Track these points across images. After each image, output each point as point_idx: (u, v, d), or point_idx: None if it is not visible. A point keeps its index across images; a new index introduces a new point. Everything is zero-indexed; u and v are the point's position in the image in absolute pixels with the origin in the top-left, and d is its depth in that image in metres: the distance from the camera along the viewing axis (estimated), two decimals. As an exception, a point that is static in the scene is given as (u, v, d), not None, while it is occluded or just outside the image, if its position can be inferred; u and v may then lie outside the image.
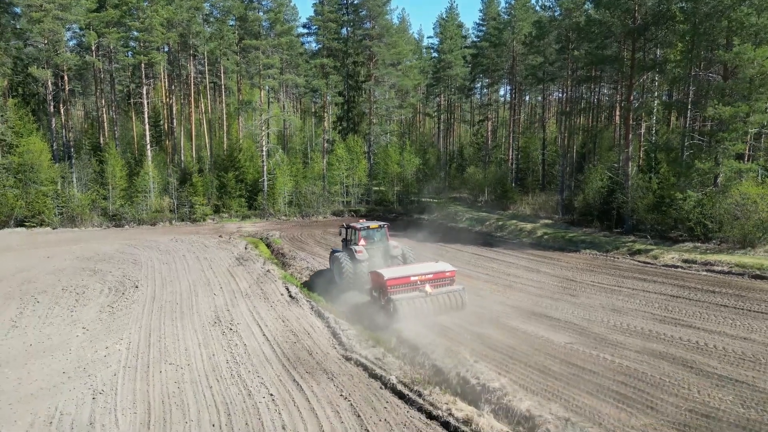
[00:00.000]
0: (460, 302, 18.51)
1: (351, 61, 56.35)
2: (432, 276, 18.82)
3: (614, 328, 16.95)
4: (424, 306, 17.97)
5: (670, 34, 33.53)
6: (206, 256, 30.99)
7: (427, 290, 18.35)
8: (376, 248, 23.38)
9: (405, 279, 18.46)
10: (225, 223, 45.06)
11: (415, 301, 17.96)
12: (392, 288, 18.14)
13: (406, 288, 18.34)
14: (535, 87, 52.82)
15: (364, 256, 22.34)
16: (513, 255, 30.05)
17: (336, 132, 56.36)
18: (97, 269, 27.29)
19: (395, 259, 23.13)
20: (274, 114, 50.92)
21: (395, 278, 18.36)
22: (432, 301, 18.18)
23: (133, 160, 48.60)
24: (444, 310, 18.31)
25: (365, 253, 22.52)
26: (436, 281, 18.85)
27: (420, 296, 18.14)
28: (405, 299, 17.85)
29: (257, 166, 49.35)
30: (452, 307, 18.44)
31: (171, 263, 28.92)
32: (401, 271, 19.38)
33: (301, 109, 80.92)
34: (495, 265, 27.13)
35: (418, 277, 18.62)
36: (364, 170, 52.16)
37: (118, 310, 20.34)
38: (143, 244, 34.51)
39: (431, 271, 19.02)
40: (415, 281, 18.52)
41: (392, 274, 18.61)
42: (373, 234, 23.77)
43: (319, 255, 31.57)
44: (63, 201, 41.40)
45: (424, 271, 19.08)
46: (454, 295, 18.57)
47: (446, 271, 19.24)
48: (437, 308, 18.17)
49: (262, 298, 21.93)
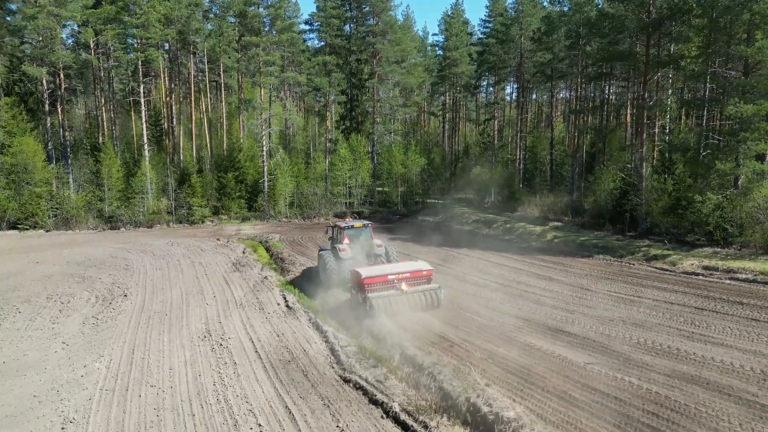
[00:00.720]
0: (435, 300, 19.15)
1: (354, 59, 55.01)
2: (409, 274, 19.49)
3: (638, 346, 15.52)
4: (400, 303, 18.55)
5: (687, 29, 31.97)
6: (202, 261, 29.70)
7: (403, 288, 18.99)
8: (360, 247, 23.82)
9: (382, 277, 19.08)
10: (224, 225, 43.79)
11: (391, 298, 18.54)
12: (369, 286, 18.75)
13: (383, 286, 18.98)
14: (543, 85, 51.32)
15: (347, 255, 22.93)
16: (523, 260, 28.61)
17: (339, 131, 55.03)
18: (87, 276, 26.04)
19: (379, 257, 23.57)
20: (276, 113, 49.65)
21: (372, 277, 18.99)
22: (408, 299, 18.82)
23: (131, 161, 47.43)
24: (419, 308, 18.88)
25: (349, 252, 23.10)
26: (412, 280, 19.52)
27: (396, 294, 18.78)
28: (381, 297, 18.44)
29: (258, 166, 48.06)
30: (428, 305, 19.03)
31: (164, 269, 27.64)
32: (379, 269, 20.00)
33: (304, 108, 79.64)
34: (504, 272, 25.71)
35: (396, 275, 19.26)
36: (367, 171, 50.80)
37: (102, 322, 19.05)
38: (137, 248, 33.26)
39: (408, 270, 19.75)
40: (392, 279, 19.16)
41: (369, 273, 19.22)
42: (357, 233, 24.23)
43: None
44: (57, 203, 40.21)
45: (401, 269, 19.79)
46: (430, 294, 19.20)
47: (423, 269, 19.91)
48: (412, 306, 18.77)
49: (258, 309, 20.60)
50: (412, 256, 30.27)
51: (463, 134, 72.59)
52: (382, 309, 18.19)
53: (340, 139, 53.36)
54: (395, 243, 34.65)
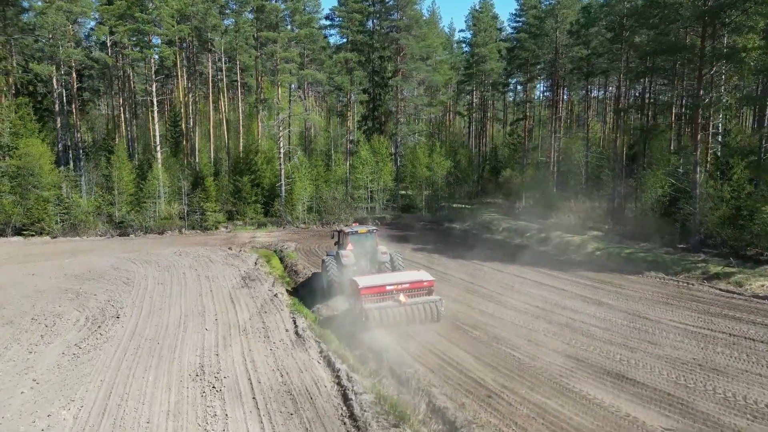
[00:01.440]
0: (435, 313, 18.30)
1: (377, 56, 52.31)
2: (408, 285, 18.73)
3: (726, 403, 12.39)
4: (397, 315, 17.89)
5: (751, 17, 28.39)
6: (209, 273, 27.28)
7: (401, 299, 18.22)
8: (364, 253, 22.98)
9: (380, 288, 18.45)
10: (238, 231, 41.47)
11: (388, 310, 17.86)
12: (366, 296, 18.06)
13: (381, 297, 18.29)
14: (579, 82, 47.81)
15: (350, 261, 22.15)
16: (563, 278, 25.44)
17: (360, 132, 52.37)
18: (82, 291, 23.79)
19: (383, 264, 22.76)
20: (296, 113, 47.27)
21: (370, 287, 18.33)
22: (405, 310, 18.06)
23: (146, 163, 45.55)
24: (417, 321, 18.13)
25: (352, 258, 22.27)
26: (412, 291, 18.74)
27: (393, 305, 18.03)
28: (377, 308, 17.78)
29: (275, 169, 45.69)
30: (426, 318, 18.25)
31: (167, 283, 25.27)
32: (377, 279, 19.37)
33: (326, 109, 77.25)
34: (544, 293, 22.62)
35: (394, 286, 18.53)
36: (389, 173, 48.02)
37: (84, 353, 16.62)
38: (143, 257, 31.04)
39: (408, 280, 18.99)
40: (391, 290, 18.45)
41: (367, 283, 18.55)
42: (361, 239, 23.28)
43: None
44: (65, 208, 38.39)
45: (400, 280, 19.03)
46: (429, 306, 18.36)
47: (424, 280, 19.08)
48: (410, 318, 18.06)
49: (262, 336, 17.97)
50: (436, 269, 27.46)
51: (490, 135, 69.25)
52: (378, 321, 17.59)
53: (361, 140, 50.71)
54: (419, 254, 31.82)
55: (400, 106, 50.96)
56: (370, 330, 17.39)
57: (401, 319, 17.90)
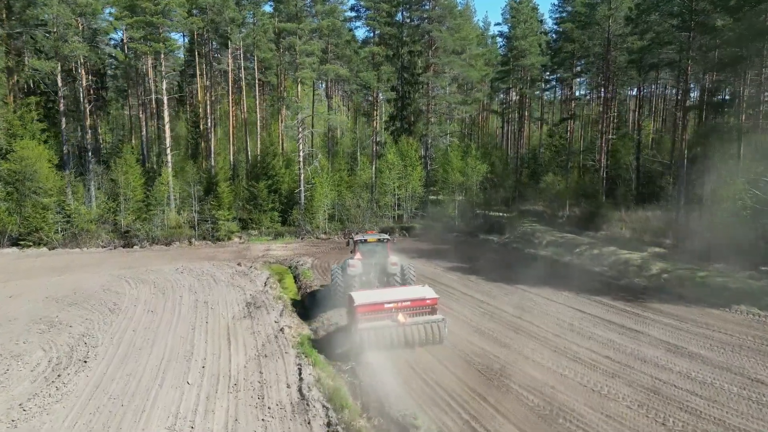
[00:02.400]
0: (437, 335, 17.06)
1: (406, 51, 48.16)
2: (409, 303, 17.43)
3: None
4: (394, 337, 16.70)
5: None
6: (209, 297, 23.55)
7: (400, 319, 16.91)
8: (373, 263, 21.88)
9: (378, 306, 17.18)
10: (252, 243, 37.79)
11: (384, 330, 16.65)
12: (362, 315, 16.80)
13: (379, 316, 17.03)
14: (634, 78, 42.61)
15: (356, 270, 21.12)
16: (633, 312, 20.77)
17: (387, 133, 48.29)
18: (57, 321, 20.29)
19: (392, 277, 21.61)
20: (318, 112, 43.58)
21: (366, 304, 17.03)
22: (404, 331, 16.83)
23: (156, 167, 42.40)
24: (416, 343, 16.90)
25: (359, 267, 21.19)
26: (413, 309, 17.42)
27: (391, 326, 16.78)
28: (372, 328, 16.55)
29: (294, 174, 41.96)
30: (427, 340, 17.01)
31: (158, 311, 21.62)
32: (376, 295, 18.08)
33: (352, 108, 73.36)
34: (614, 336, 18.06)
35: (394, 304, 17.20)
36: (419, 179, 43.76)
37: (25, 419, 12.93)
38: (140, 275, 27.53)
39: (409, 298, 17.62)
40: (390, 308, 17.13)
41: (364, 300, 17.24)
42: (371, 248, 22.23)
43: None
44: (66, 216, 35.38)
45: (401, 297, 17.66)
46: (431, 327, 17.07)
47: (426, 298, 17.67)
48: (409, 340, 16.85)
49: (255, 397, 14.03)
50: (474, 296, 23.16)
51: (527, 136, 64.24)
52: (372, 343, 16.32)
53: (388, 142, 46.66)
54: (453, 275, 27.49)
55: (431, 105, 46.66)
56: (364, 352, 16.07)
57: (399, 341, 16.68)
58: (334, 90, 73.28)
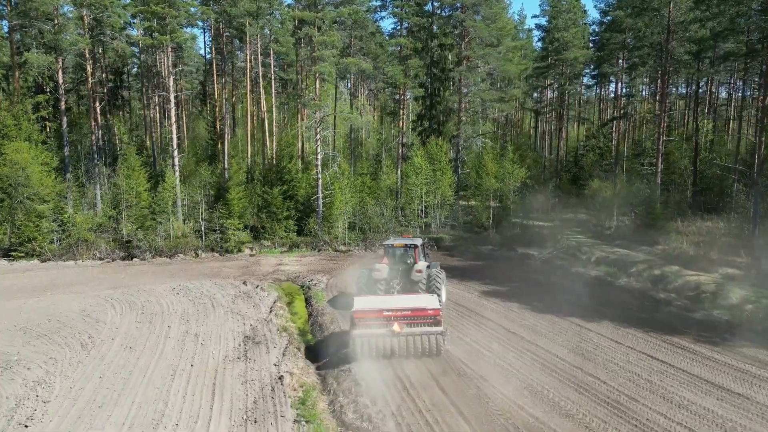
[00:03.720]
0: (434, 347, 16.62)
1: (436, 44, 44.02)
2: (409, 312, 17.06)
3: None
4: (387, 346, 16.45)
5: None
6: (201, 328, 19.93)
7: (395, 329, 16.58)
8: (400, 269, 21.79)
9: (376, 312, 16.93)
10: (264, 255, 34.19)
11: (378, 339, 16.43)
12: (359, 320, 16.72)
13: (377, 323, 16.69)
14: (694, 71, 37.58)
15: (381, 275, 21.02)
16: (724, 364, 16.21)
17: (415, 134, 44.27)
18: (15, 361, 16.88)
19: (417, 284, 21.10)
20: (340, 111, 39.85)
21: (364, 310, 17.03)
22: (398, 342, 16.51)
23: (164, 171, 39.22)
24: (411, 354, 16.52)
25: (384, 273, 21.06)
26: (412, 318, 16.93)
27: (385, 335, 16.47)
28: (365, 336, 16.43)
29: (312, 178, 38.30)
30: (423, 352, 16.60)
31: (137, 347, 18.07)
32: (376, 302, 18.18)
33: (378, 107, 69.48)
34: (710, 403, 13.64)
35: (393, 312, 16.94)
36: (449, 184, 39.58)
37: None
38: (130, 296, 24.11)
39: (409, 307, 17.34)
40: (389, 316, 16.82)
41: (362, 305, 17.39)
42: (397, 253, 22.13)
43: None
44: (61, 224, 32.41)
45: (402, 305, 17.47)
46: (428, 338, 16.62)
47: (428, 308, 17.21)
48: (403, 350, 16.53)
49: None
50: (519, 333, 18.95)
51: (566, 136, 59.32)
52: (365, 352, 16.31)
53: (415, 144, 42.65)
54: (491, 301, 23.31)
55: (463, 103, 42.42)
56: (357, 361, 16.08)
57: (392, 351, 16.51)
58: (360, 89, 69.64)
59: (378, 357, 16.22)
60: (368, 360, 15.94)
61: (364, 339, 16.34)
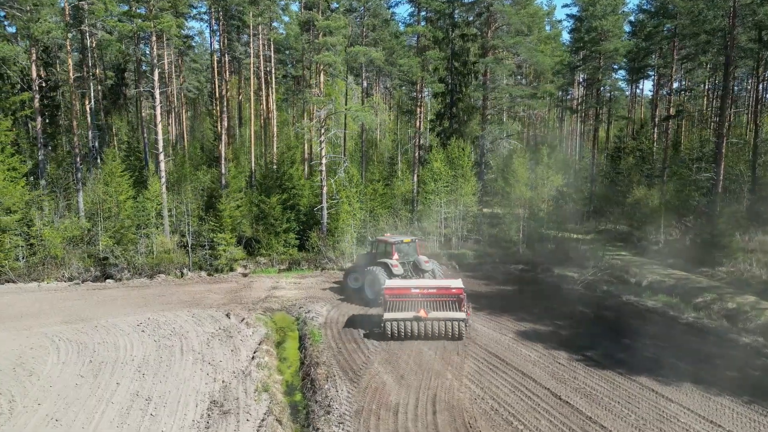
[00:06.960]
0: (456, 332, 18.15)
1: (458, 34, 39.18)
2: (435, 291, 19.02)
3: None
4: (414, 330, 18.24)
5: None
6: (157, 389, 15.39)
7: (421, 314, 18.16)
8: (407, 263, 23.78)
9: (405, 290, 19.08)
10: (258, 276, 29.64)
11: (406, 323, 18.25)
12: (390, 297, 18.85)
13: (404, 302, 18.77)
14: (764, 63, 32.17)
15: (400, 270, 22.77)
16: None
17: (433, 135, 39.47)
18: None
19: (427, 273, 23.32)
20: (338, 109, 35.23)
21: (393, 288, 19.24)
22: (425, 326, 18.20)
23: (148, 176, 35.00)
24: (436, 338, 18.21)
25: (400, 267, 22.91)
26: (438, 297, 18.83)
27: (413, 320, 18.19)
28: (395, 320, 18.28)
29: (315, 186, 33.76)
30: (447, 335, 18.21)
31: (65, 420, 13.61)
32: (404, 283, 20.35)
33: (395, 105, 64.73)
34: None
35: (419, 290, 19.01)
36: (472, 192, 34.71)
37: None
38: (84, 334, 19.68)
39: (435, 286, 19.43)
40: (417, 293, 18.87)
41: (391, 284, 19.60)
42: (405, 248, 23.99)
43: (403, 385, 14.62)
44: (27, 238, 28.33)
45: (426, 285, 19.61)
46: (452, 324, 18.13)
47: (452, 287, 18.90)
48: (428, 333, 18.20)
49: None
50: (576, 404, 14.04)
51: (603, 138, 53.86)
52: (395, 332, 18.28)
53: (434, 146, 37.88)
54: (529, 347, 18.38)
55: (488, 99, 37.47)
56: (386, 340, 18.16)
57: (419, 333, 18.14)
58: (375, 87, 64.97)
59: (405, 339, 18.26)
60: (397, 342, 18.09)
61: (393, 322, 18.26)
